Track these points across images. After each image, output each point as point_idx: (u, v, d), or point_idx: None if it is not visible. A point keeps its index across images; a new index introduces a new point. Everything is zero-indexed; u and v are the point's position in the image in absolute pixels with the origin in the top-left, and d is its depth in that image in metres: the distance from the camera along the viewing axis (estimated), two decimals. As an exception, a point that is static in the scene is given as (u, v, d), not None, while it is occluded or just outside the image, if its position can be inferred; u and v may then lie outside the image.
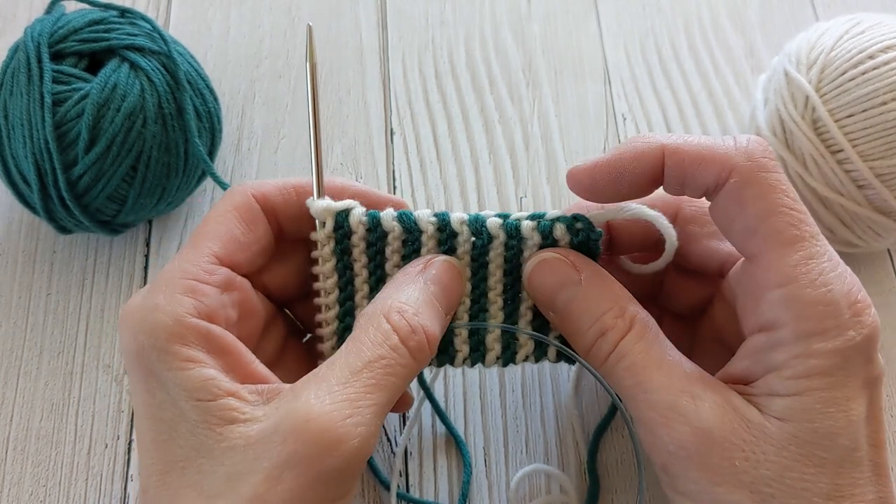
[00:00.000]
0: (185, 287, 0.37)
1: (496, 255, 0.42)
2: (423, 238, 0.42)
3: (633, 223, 0.43)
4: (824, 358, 0.35)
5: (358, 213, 0.42)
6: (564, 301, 0.40)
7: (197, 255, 0.38)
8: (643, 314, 0.39)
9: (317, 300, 0.44)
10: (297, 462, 0.33)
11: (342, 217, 0.42)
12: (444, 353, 0.44)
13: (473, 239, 0.42)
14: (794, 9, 0.67)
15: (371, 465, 0.49)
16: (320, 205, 0.42)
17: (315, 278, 0.43)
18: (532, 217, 0.42)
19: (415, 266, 0.41)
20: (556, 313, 0.41)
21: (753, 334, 0.38)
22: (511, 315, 0.43)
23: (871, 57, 0.49)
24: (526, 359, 0.44)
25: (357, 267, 0.43)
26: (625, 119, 0.62)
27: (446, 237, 0.42)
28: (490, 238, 0.42)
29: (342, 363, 0.36)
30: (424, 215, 0.42)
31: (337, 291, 0.43)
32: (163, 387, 0.35)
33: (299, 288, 0.45)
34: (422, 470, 0.50)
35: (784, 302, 0.35)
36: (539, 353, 0.44)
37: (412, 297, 0.39)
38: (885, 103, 0.48)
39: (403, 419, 0.51)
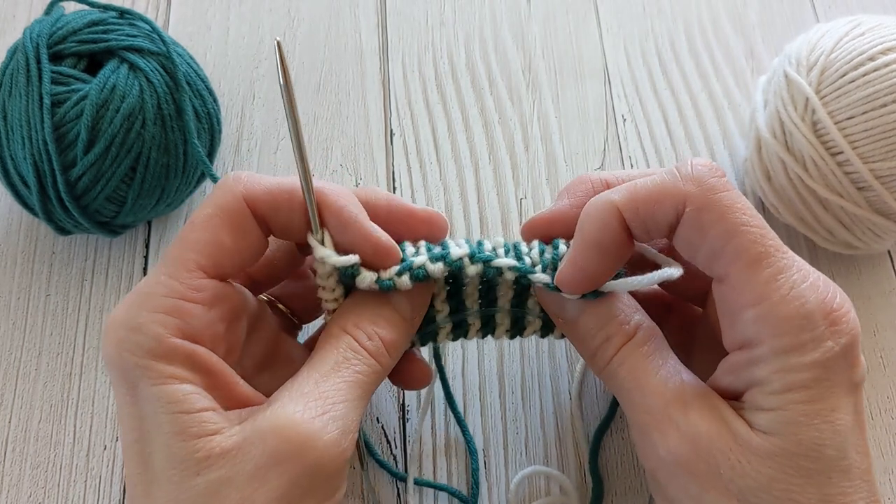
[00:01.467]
0: (170, 307, 0.36)
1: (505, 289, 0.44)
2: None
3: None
4: (804, 371, 0.35)
5: (368, 278, 0.40)
6: (574, 309, 0.41)
7: (181, 269, 0.37)
8: (648, 323, 0.40)
9: (326, 318, 0.43)
10: (280, 460, 0.34)
11: (347, 274, 0.40)
12: (460, 328, 0.45)
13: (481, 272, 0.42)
14: (794, 10, 0.67)
15: (377, 460, 0.49)
16: (323, 255, 0.39)
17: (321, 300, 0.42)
18: (548, 286, 0.41)
19: None
20: (566, 320, 0.42)
21: (734, 351, 0.38)
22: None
23: (871, 59, 0.49)
24: (534, 332, 0.45)
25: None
26: (625, 120, 0.62)
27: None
28: (500, 275, 0.42)
29: (309, 370, 0.38)
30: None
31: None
32: (145, 400, 0.35)
33: (284, 269, 0.45)
34: (422, 471, 0.50)
35: (759, 320, 0.35)
36: (545, 330, 0.45)
37: (367, 307, 0.40)
38: (885, 105, 0.47)
39: (403, 421, 0.51)
